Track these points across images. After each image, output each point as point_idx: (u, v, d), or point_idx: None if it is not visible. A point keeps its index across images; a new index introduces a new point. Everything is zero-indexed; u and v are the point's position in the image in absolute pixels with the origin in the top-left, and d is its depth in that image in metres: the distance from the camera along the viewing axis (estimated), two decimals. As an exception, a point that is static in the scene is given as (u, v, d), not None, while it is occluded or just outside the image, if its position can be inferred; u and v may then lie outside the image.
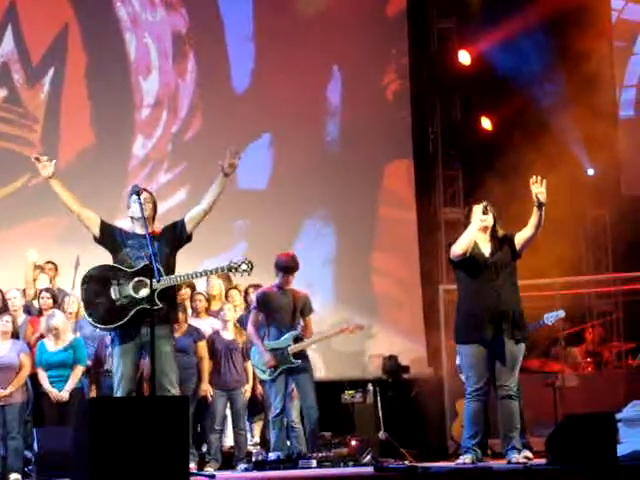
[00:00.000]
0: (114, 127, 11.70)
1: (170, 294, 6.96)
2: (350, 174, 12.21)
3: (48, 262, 10.19)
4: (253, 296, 9.47)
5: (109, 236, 6.98)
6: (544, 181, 7.01)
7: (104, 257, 7.08)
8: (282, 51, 12.24)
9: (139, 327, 6.83)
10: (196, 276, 7.26)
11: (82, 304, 6.97)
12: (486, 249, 7.20)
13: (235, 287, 9.86)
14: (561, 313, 8.90)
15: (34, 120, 11.56)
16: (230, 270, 7.07)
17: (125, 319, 6.79)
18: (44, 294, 9.34)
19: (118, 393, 6.87)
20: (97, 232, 6.98)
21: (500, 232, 7.26)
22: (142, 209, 6.86)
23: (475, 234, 7.17)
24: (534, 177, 7.02)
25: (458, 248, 7.16)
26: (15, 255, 10.37)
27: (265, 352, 8.53)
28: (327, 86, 12.46)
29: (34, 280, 9.91)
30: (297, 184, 12.00)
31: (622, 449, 6.83)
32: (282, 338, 8.53)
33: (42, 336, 8.99)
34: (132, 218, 7.04)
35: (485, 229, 7.22)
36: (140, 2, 11.99)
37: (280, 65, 12.17)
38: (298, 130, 12.11)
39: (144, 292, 6.77)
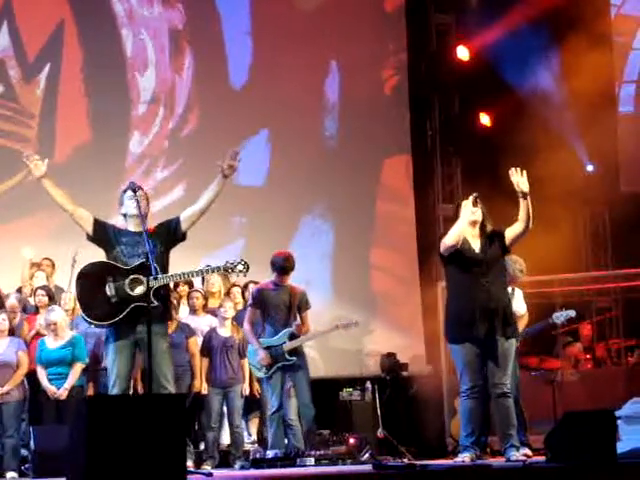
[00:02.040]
0: (110, 123, 11.64)
1: (164, 292, 6.94)
2: (348, 170, 12.18)
3: (45, 259, 10.13)
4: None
5: (102, 234, 6.95)
6: (524, 171, 6.96)
7: (102, 253, 7.04)
8: (280, 47, 12.20)
9: (134, 324, 6.80)
10: (192, 275, 7.26)
11: (77, 300, 6.94)
12: (476, 245, 7.14)
13: (237, 284, 9.84)
14: (571, 312, 8.71)
15: (30, 116, 11.50)
16: (227, 270, 7.10)
17: (120, 316, 6.77)
18: (39, 292, 9.30)
19: (113, 391, 6.85)
20: (90, 230, 6.94)
21: (489, 228, 7.19)
22: (139, 206, 6.83)
23: (466, 226, 7.12)
24: (512, 169, 6.98)
25: (449, 239, 7.08)
26: (11, 252, 10.31)
27: (260, 349, 8.49)
28: (325, 82, 12.43)
29: (31, 277, 9.86)
30: (295, 180, 11.96)
31: (621, 446, 6.81)
32: (277, 336, 8.50)
33: (38, 333, 8.95)
34: (125, 215, 6.99)
35: (474, 223, 7.15)
36: (137, -2, 11.94)
37: (278, 61, 12.14)
38: (296, 126, 12.07)
39: (140, 290, 6.74)
